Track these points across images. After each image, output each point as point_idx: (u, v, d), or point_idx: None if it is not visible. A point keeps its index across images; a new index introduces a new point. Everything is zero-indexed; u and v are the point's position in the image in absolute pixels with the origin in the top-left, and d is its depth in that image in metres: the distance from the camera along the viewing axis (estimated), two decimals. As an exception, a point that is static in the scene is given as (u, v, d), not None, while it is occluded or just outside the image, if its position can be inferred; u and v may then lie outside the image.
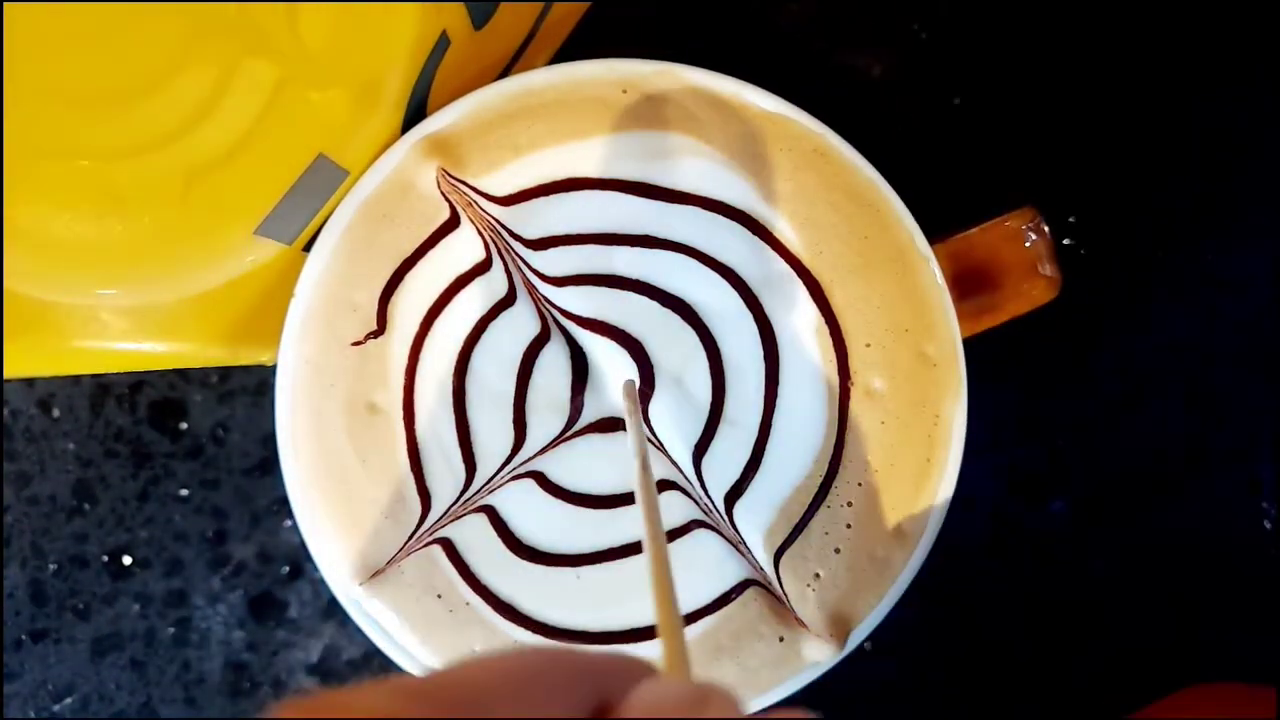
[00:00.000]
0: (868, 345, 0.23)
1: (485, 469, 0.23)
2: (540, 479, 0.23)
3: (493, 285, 0.23)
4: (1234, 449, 0.30)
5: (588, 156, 0.23)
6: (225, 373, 0.31)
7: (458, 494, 0.23)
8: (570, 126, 0.23)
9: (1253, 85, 0.30)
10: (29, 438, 0.31)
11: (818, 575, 0.23)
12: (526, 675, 0.12)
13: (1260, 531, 0.30)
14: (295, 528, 0.26)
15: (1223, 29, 0.30)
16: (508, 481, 0.23)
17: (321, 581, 0.24)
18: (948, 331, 0.23)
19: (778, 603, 0.23)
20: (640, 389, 0.23)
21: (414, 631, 0.23)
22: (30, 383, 0.31)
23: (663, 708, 0.12)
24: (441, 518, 0.23)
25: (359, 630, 0.24)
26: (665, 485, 0.23)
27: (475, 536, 0.23)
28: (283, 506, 0.31)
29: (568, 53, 0.30)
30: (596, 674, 0.12)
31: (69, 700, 0.31)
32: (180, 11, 0.19)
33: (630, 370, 0.23)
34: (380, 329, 0.23)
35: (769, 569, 0.23)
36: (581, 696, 0.12)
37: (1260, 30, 0.30)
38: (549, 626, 0.23)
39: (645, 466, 0.19)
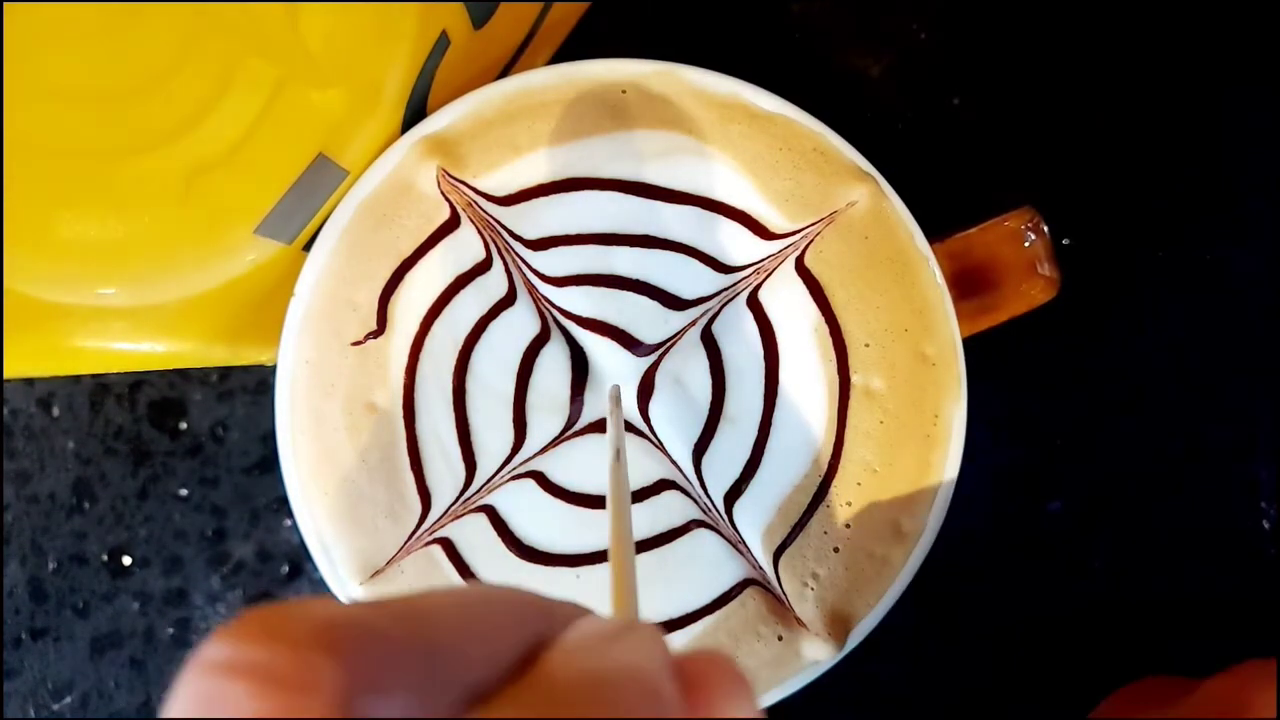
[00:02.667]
0: (867, 345, 0.23)
1: (485, 469, 0.23)
2: (540, 479, 0.23)
3: (493, 285, 0.23)
4: (1233, 449, 0.31)
5: (588, 156, 0.23)
6: (225, 372, 0.31)
7: (458, 494, 0.23)
8: (570, 126, 0.23)
9: (1252, 85, 0.30)
10: (29, 436, 0.31)
11: (816, 574, 0.23)
12: (476, 606, 0.12)
13: (1259, 531, 0.30)
14: (295, 527, 0.26)
15: (1222, 29, 0.30)
16: (507, 481, 0.23)
17: (321, 581, 0.24)
18: (947, 331, 0.23)
19: (777, 602, 0.23)
20: (639, 389, 0.23)
21: (414, 631, 0.23)
22: (30, 381, 0.31)
23: (584, 640, 0.12)
24: (441, 517, 0.23)
25: (359, 629, 0.23)
26: (665, 485, 0.24)
27: (475, 536, 0.23)
28: (282, 505, 0.31)
29: (568, 53, 0.30)
30: (543, 614, 0.13)
31: (68, 698, 0.31)
32: (180, 11, 0.19)
33: (630, 370, 0.23)
34: (380, 329, 0.23)
35: (768, 568, 0.23)
36: (525, 633, 0.12)
37: (1260, 30, 0.30)
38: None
39: (620, 459, 0.20)
